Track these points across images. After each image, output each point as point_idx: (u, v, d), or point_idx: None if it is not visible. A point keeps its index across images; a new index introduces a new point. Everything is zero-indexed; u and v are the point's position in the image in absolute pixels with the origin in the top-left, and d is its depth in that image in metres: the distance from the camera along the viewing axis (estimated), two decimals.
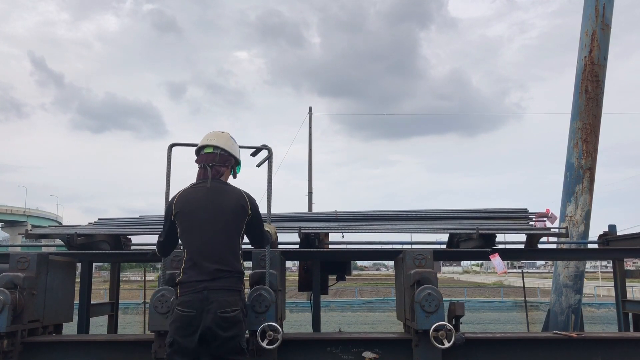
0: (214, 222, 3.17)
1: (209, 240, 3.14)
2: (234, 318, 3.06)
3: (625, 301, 5.67)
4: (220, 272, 3.08)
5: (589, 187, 7.30)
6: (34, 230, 5.46)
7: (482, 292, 29.62)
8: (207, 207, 3.19)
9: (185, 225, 3.20)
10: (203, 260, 3.10)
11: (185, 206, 3.23)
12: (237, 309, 3.08)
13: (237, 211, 3.23)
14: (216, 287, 3.05)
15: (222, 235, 3.17)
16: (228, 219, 3.20)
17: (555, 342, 3.91)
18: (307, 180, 25.03)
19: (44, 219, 76.08)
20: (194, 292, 3.03)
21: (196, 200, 3.22)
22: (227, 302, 3.04)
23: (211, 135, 3.42)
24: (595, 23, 7.55)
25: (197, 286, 3.04)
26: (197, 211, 3.19)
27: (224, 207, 3.21)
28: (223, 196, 3.24)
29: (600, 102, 7.51)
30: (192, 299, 3.02)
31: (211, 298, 3.02)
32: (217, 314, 3.00)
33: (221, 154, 3.36)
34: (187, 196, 3.27)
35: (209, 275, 3.06)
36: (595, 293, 25.38)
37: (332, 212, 5.54)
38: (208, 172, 3.29)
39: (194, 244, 3.15)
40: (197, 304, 3.01)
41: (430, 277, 3.75)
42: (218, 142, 3.36)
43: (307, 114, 25.75)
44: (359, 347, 3.86)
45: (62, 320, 4.48)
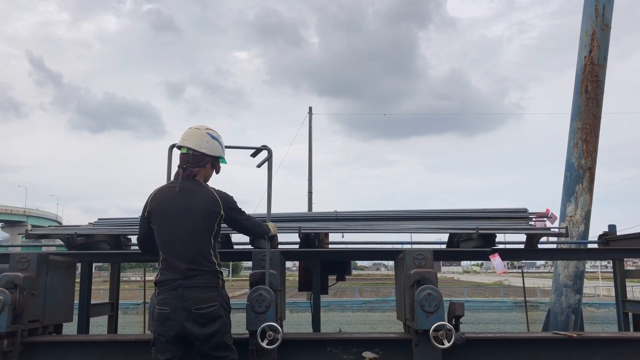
0: (183, 223, 3.21)
1: (180, 241, 3.18)
2: (211, 314, 3.10)
3: (625, 301, 5.67)
4: (193, 271, 3.13)
5: (589, 187, 7.30)
6: (34, 230, 5.45)
7: (482, 292, 29.63)
8: (177, 208, 3.23)
9: (157, 226, 3.26)
10: (175, 261, 3.15)
11: (158, 206, 3.28)
12: (213, 305, 3.11)
13: (207, 213, 3.25)
14: (190, 284, 3.10)
15: (192, 236, 3.20)
16: (197, 220, 3.22)
17: (555, 342, 3.91)
18: (307, 180, 25.05)
19: (44, 219, 76.11)
20: (169, 290, 3.09)
21: (168, 201, 3.26)
22: (201, 298, 3.09)
23: (186, 133, 3.39)
24: (595, 23, 7.55)
25: (172, 284, 3.10)
26: (168, 212, 3.24)
27: (193, 209, 3.23)
28: (193, 197, 3.26)
29: (600, 102, 7.51)
30: (168, 296, 3.08)
31: (185, 295, 3.07)
32: (192, 311, 3.05)
33: (194, 154, 3.34)
34: (161, 196, 3.31)
35: (182, 274, 3.11)
36: (595, 293, 25.39)
37: (332, 212, 5.54)
38: (180, 174, 3.32)
39: (167, 245, 3.21)
40: (172, 301, 3.06)
41: (430, 277, 3.75)
42: (190, 143, 3.34)
43: (307, 114, 25.78)
44: (359, 347, 3.86)
45: (62, 320, 4.47)
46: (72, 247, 4.90)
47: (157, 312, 3.11)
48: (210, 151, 3.39)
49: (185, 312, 3.05)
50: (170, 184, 3.38)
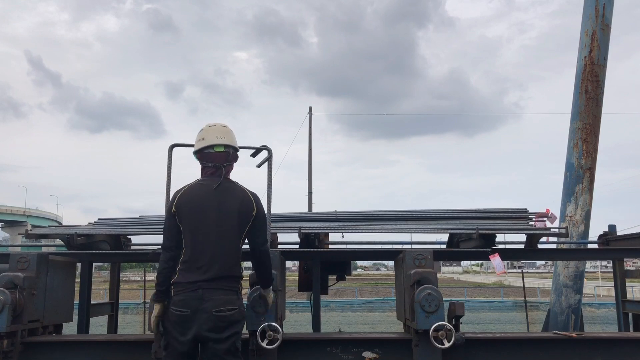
0: (218, 224, 3.11)
1: (213, 243, 3.09)
2: (231, 317, 3.03)
3: (625, 301, 5.67)
4: (218, 274, 3.05)
5: (589, 187, 7.30)
6: (34, 230, 5.45)
7: (482, 292, 29.61)
8: (214, 208, 3.13)
9: (187, 224, 3.13)
10: (201, 262, 3.05)
11: (190, 204, 3.15)
12: (233, 308, 3.05)
13: (242, 213, 3.18)
14: (211, 286, 3.02)
15: (226, 238, 3.12)
16: (234, 221, 3.15)
17: (555, 342, 3.91)
18: (307, 180, 25.05)
19: (44, 219, 76.11)
20: (189, 292, 3.00)
21: (203, 200, 3.15)
22: (222, 300, 3.01)
23: (218, 131, 3.29)
24: (595, 23, 7.55)
25: (192, 286, 3.01)
26: (203, 211, 3.13)
27: (230, 209, 3.15)
28: (231, 197, 3.18)
29: (600, 102, 7.50)
30: (187, 297, 2.99)
31: (206, 297, 2.99)
32: (212, 313, 2.97)
33: (232, 152, 3.31)
34: (192, 193, 3.19)
35: (205, 276, 3.03)
36: (595, 293, 25.39)
37: (332, 212, 5.54)
38: (222, 172, 3.23)
39: (196, 245, 3.09)
40: (191, 302, 2.98)
41: (430, 277, 3.75)
42: (228, 140, 3.28)
43: (307, 114, 25.77)
44: (359, 347, 3.86)
45: (62, 320, 4.48)
46: (72, 247, 4.90)
47: (175, 313, 3.00)
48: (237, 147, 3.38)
49: (205, 314, 2.96)
50: (203, 182, 3.25)
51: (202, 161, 3.31)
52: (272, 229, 4.48)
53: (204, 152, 3.28)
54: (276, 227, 5.02)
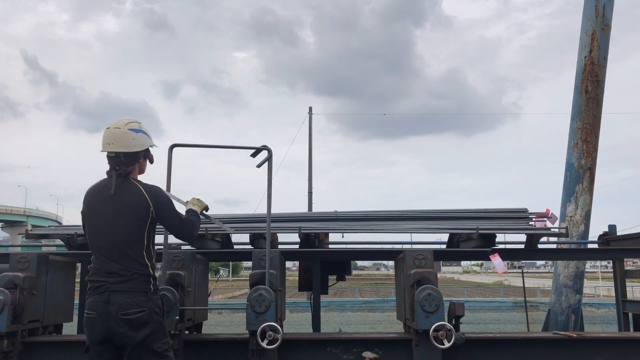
0: (112, 224, 3.10)
1: (109, 243, 3.08)
2: (139, 319, 2.97)
3: (625, 301, 5.67)
4: (121, 275, 3.02)
5: (589, 187, 7.30)
6: (34, 230, 5.46)
7: (482, 292, 29.62)
8: (107, 209, 3.12)
9: (87, 227, 3.19)
10: (104, 263, 3.06)
11: (88, 206, 3.20)
12: (141, 311, 2.98)
13: (138, 211, 3.13)
14: (118, 288, 2.99)
15: (122, 238, 3.09)
16: (129, 220, 3.11)
17: (555, 342, 3.91)
18: (307, 180, 25.04)
19: (44, 219, 76.08)
20: (97, 294, 3.01)
21: (98, 202, 3.17)
22: (128, 303, 2.97)
23: (108, 137, 3.18)
24: (595, 23, 7.55)
25: (99, 288, 3.01)
26: (98, 213, 3.14)
27: (124, 209, 3.12)
28: (124, 197, 3.15)
29: (600, 102, 7.51)
30: (95, 300, 3.00)
31: (112, 299, 2.97)
32: (118, 316, 2.94)
33: (124, 155, 3.20)
34: (92, 197, 3.21)
35: (110, 277, 3.02)
36: (595, 293, 25.40)
37: (332, 212, 5.54)
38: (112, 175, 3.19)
39: (95, 246, 3.12)
40: (98, 305, 2.98)
41: (430, 277, 3.75)
42: (117, 147, 3.16)
43: (307, 114, 25.77)
44: (359, 347, 3.86)
45: (62, 320, 4.48)
46: (72, 247, 4.91)
47: (85, 316, 3.02)
48: (139, 146, 3.24)
49: (111, 317, 2.95)
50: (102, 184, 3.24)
51: None
52: (272, 229, 4.48)
53: None
54: (276, 227, 5.02)
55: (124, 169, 3.20)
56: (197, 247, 4.79)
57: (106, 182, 3.22)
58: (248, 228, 5.13)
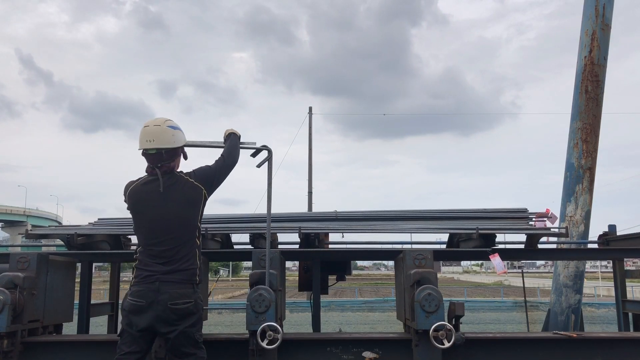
0: (166, 219, 3.22)
1: (162, 237, 3.20)
2: (186, 310, 3.12)
3: (625, 301, 5.67)
4: (173, 267, 3.15)
5: (589, 187, 7.30)
6: (34, 230, 5.45)
7: (482, 292, 29.64)
8: (159, 205, 3.23)
9: (137, 222, 3.29)
10: (156, 255, 3.17)
11: (137, 203, 3.29)
12: (188, 302, 3.13)
13: (191, 199, 3.29)
14: (168, 279, 3.12)
15: (175, 231, 3.22)
16: (182, 212, 3.26)
17: (555, 342, 3.91)
18: (307, 180, 25.04)
19: (44, 219, 76.13)
20: (146, 283, 3.11)
21: (147, 199, 3.26)
22: (178, 294, 3.10)
23: (149, 134, 3.29)
24: (595, 23, 7.55)
25: (150, 278, 3.12)
26: (148, 209, 3.25)
27: (178, 203, 3.25)
28: (176, 192, 3.27)
29: (600, 102, 7.51)
30: (144, 289, 3.09)
31: (162, 289, 3.08)
32: (168, 305, 3.06)
33: (166, 152, 3.30)
34: (138, 193, 3.30)
35: (161, 268, 3.13)
36: (595, 293, 25.42)
37: (332, 212, 5.54)
38: (157, 172, 3.29)
39: (147, 240, 3.22)
40: (148, 294, 3.08)
41: (430, 277, 3.75)
42: (159, 144, 3.27)
43: (307, 114, 25.77)
44: (359, 347, 3.86)
45: (62, 320, 4.47)
46: (72, 247, 4.90)
47: (131, 303, 3.11)
48: (179, 142, 3.37)
49: (161, 307, 3.06)
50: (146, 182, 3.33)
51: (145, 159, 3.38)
52: (272, 229, 4.48)
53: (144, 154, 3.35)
54: (276, 227, 5.02)
55: (166, 165, 3.32)
56: None
57: (152, 180, 3.31)
58: (248, 228, 5.13)
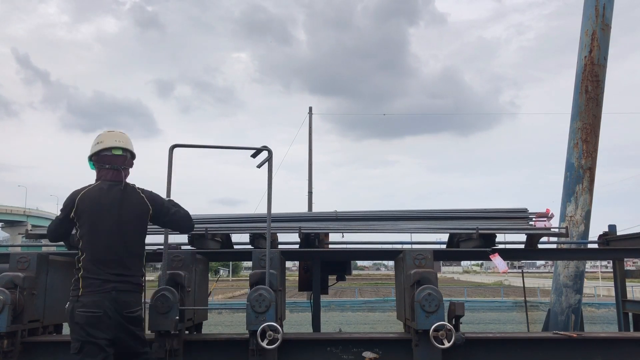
0: (120, 225, 3.28)
1: (115, 244, 3.25)
2: (140, 317, 3.28)
3: (625, 301, 5.67)
4: (126, 275, 3.23)
5: (589, 187, 7.29)
6: (34, 230, 5.46)
7: (482, 292, 29.63)
8: (114, 211, 3.30)
9: (89, 226, 3.26)
10: (109, 263, 3.20)
11: (91, 209, 3.28)
12: (140, 308, 3.30)
13: (141, 213, 3.38)
14: (123, 288, 3.19)
15: (127, 241, 3.30)
16: (134, 222, 3.35)
17: (555, 342, 3.91)
18: (307, 180, 25.03)
19: (44, 219, 76.05)
20: (101, 292, 3.13)
21: (104, 205, 3.29)
22: (132, 302, 3.23)
23: (116, 136, 3.45)
24: (595, 23, 7.55)
25: (104, 286, 3.14)
26: (104, 215, 3.28)
27: (129, 211, 3.34)
28: (130, 199, 3.37)
29: (600, 102, 7.50)
30: (100, 299, 3.11)
31: (119, 299, 3.15)
32: (124, 314, 3.15)
33: (130, 157, 3.47)
34: (93, 199, 3.31)
35: (114, 277, 3.18)
36: (595, 293, 25.41)
37: (332, 212, 5.53)
38: (121, 174, 3.39)
39: (99, 246, 3.23)
40: (105, 303, 3.10)
41: (430, 277, 3.75)
42: (127, 145, 3.45)
43: (307, 114, 25.76)
44: (359, 347, 3.86)
45: (62, 320, 4.47)
46: (72, 247, 4.89)
47: (88, 315, 3.07)
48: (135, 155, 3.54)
49: (119, 316, 3.13)
50: (103, 186, 3.37)
51: (99, 163, 3.42)
52: (272, 229, 4.48)
53: (101, 155, 3.40)
54: (276, 227, 5.02)
55: (126, 171, 3.45)
56: (197, 247, 4.79)
57: (109, 187, 3.35)
58: (248, 228, 5.13)
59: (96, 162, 3.42)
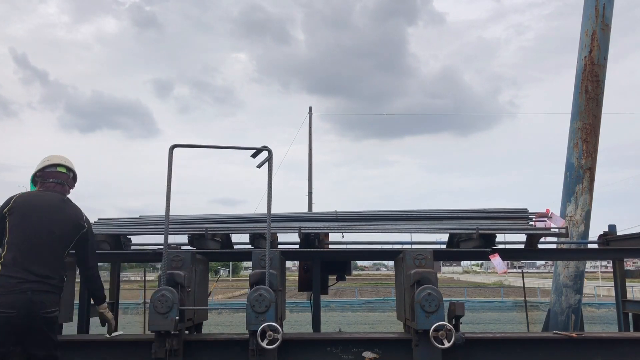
0: (47, 230, 3.41)
1: (41, 246, 3.36)
2: (55, 318, 3.33)
3: (625, 301, 5.67)
4: (46, 276, 3.29)
5: (589, 187, 7.29)
6: None
7: (482, 292, 29.66)
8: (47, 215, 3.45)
9: (18, 223, 3.38)
10: (30, 263, 3.27)
11: (23, 207, 3.44)
12: (56, 310, 3.34)
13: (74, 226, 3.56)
14: (41, 289, 3.24)
15: (54, 243, 3.42)
16: (63, 230, 3.48)
17: (555, 342, 3.91)
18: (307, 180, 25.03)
19: None
20: (17, 293, 3.16)
21: (39, 207, 3.47)
22: (48, 302, 3.26)
23: (62, 158, 3.80)
24: (595, 23, 7.55)
25: (20, 286, 3.18)
26: (35, 216, 3.42)
27: (62, 220, 3.50)
28: (65, 211, 3.56)
29: (600, 102, 7.50)
30: (15, 299, 3.14)
31: (35, 299, 3.18)
32: (40, 314, 3.19)
33: (73, 176, 3.83)
34: (30, 200, 3.52)
35: (34, 277, 3.24)
36: (595, 293, 25.43)
37: (332, 212, 5.53)
38: (64, 187, 3.69)
39: (23, 245, 3.31)
40: (18, 304, 3.14)
41: (430, 277, 3.75)
42: (71, 166, 3.81)
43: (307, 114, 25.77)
44: (359, 347, 3.86)
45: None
46: None
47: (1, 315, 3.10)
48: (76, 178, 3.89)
49: (34, 316, 3.16)
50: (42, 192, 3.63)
51: (43, 178, 3.68)
52: (272, 229, 4.48)
53: (46, 171, 3.70)
54: (276, 227, 5.02)
55: (67, 186, 3.76)
56: (197, 247, 4.79)
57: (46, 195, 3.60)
58: (248, 228, 5.13)
59: (40, 178, 3.70)
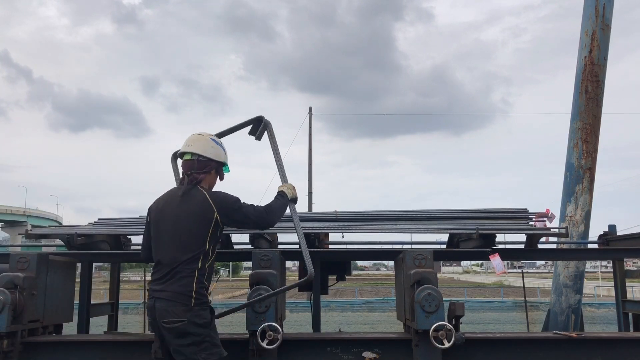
0: (173, 231, 3.15)
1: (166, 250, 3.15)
2: (178, 329, 3.00)
3: (625, 301, 5.67)
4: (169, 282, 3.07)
5: (589, 187, 7.30)
6: (34, 230, 5.45)
7: (482, 292, 29.66)
8: (170, 217, 3.18)
9: (153, 232, 3.28)
10: (159, 270, 3.15)
11: (155, 211, 3.29)
12: (180, 321, 2.99)
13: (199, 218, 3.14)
14: (161, 296, 3.06)
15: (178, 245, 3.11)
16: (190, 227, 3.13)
17: (555, 342, 3.91)
18: (307, 180, 25.05)
19: (43, 219, 76.07)
20: (150, 299, 3.15)
21: (164, 208, 3.26)
22: (167, 312, 3.01)
23: (189, 139, 3.34)
24: (595, 23, 7.55)
25: (152, 293, 3.14)
26: (162, 220, 3.23)
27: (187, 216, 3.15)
28: (188, 204, 3.17)
29: (600, 102, 7.50)
30: (149, 305, 3.15)
31: (156, 306, 3.07)
32: (161, 323, 3.07)
33: (199, 160, 3.27)
34: (160, 201, 3.32)
35: (159, 284, 3.11)
36: (595, 293, 25.42)
37: (332, 212, 5.53)
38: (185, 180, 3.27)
39: (156, 252, 3.23)
40: (150, 310, 3.14)
41: (430, 277, 3.75)
42: (195, 148, 3.28)
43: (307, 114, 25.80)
44: (359, 347, 3.86)
45: (62, 320, 4.47)
46: (72, 247, 4.90)
47: None
48: (215, 156, 3.33)
49: (158, 323, 3.11)
50: (173, 189, 3.38)
51: None
52: (273, 229, 4.47)
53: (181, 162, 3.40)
54: (276, 227, 5.01)
55: (194, 175, 3.25)
56: None
57: (174, 190, 3.33)
58: None
59: None
